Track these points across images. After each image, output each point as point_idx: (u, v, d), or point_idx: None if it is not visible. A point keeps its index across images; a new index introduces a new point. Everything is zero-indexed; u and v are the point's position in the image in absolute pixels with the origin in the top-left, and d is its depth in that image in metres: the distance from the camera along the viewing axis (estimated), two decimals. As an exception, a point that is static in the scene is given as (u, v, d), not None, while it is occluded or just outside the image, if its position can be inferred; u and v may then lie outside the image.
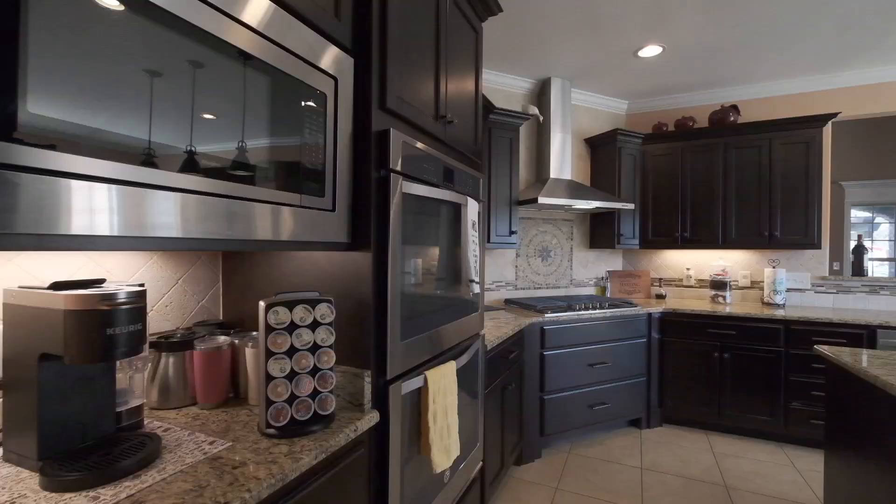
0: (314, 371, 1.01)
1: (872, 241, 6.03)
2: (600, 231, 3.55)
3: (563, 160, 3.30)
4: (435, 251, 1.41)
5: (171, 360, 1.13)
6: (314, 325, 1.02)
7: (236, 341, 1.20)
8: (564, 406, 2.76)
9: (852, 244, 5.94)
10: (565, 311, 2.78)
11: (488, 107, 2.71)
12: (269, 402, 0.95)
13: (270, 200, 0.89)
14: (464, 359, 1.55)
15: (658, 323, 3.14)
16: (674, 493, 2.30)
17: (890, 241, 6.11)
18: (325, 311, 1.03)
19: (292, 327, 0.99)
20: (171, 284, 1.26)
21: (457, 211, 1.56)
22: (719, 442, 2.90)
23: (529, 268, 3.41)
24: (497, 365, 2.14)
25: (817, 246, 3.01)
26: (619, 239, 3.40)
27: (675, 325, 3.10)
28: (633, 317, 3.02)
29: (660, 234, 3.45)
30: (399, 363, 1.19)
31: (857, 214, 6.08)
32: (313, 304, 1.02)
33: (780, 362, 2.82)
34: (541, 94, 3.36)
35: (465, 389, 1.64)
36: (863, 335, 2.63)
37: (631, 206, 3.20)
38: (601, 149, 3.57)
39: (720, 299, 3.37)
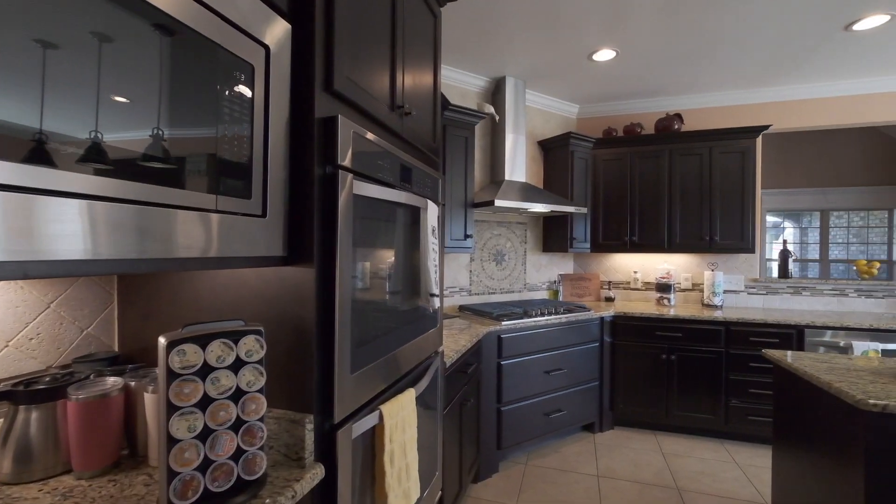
0: (238, 424, 0.78)
1: (755, 239, 6.70)
2: (553, 234, 3.52)
3: (517, 162, 3.22)
4: (390, 262, 1.22)
5: (33, 414, 0.83)
6: (237, 365, 0.78)
7: (132, 383, 0.93)
8: (521, 416, 2.66)
9: (771, 247, 6.54)
10: (521, 318, 2.69)
11: (443, 103, 2.54)
12: (173, 474, 0.71)
13: (175, 204, 0.65)
14: (423, 382, 1.37)
15: (610, 326, 3.16)
16: (631, 500, 2.28)
17: (795, 243, 6.82)
18: (252, 346, 0.80)
19: (206, 370, 0.75)
20: (40, 309, 0.96)
21: (415, 216, 1.37)
22: (667, 442, 2.97)
23: (484, 272, 3.30)
24: (455, 380, 1.98)
25: (751, 250, 3.19)
26: (572, 242, 3.39)
27: (626, 329, 3.14)
28: (587, 321, 3.01)
29: (610, 238, 3.49)
30: (349, 401, 0.98)
31: (768, 219, 6.71)
32: (236, 337, 0.78)
33: (722, 362, 2.93)
34: (495, 92, 3.26)
35: (425, 416, 1.46)
36: (792, 335, 2.80)
37: (584, 209, 3.19)
38: (554, 152, 3.54)
39: (665, 301, 3.47)
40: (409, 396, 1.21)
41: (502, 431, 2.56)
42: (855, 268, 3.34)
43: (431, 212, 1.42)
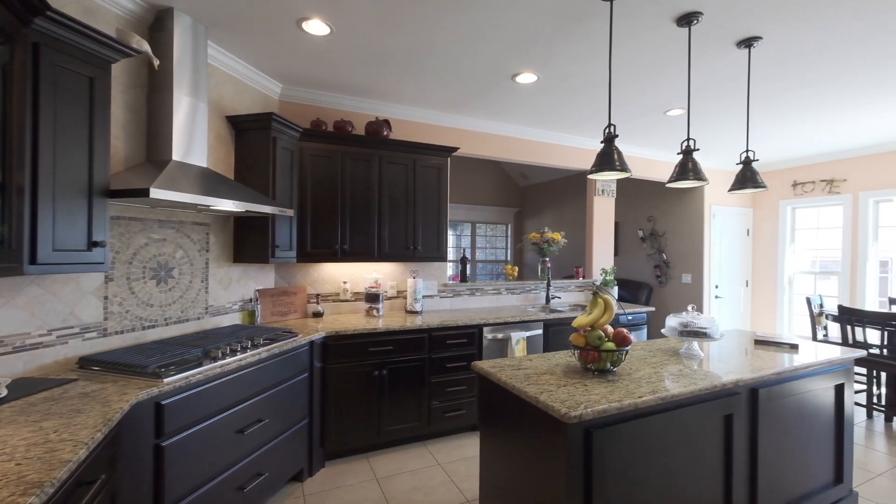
0: None
1: (447, 248, 8.29)
2: (250, 241, 2.75)
3: (195, 138, 2.27)
4: None
5: None
6: None
7: None
8: (200, 511, 1.82)
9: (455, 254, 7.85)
10: (199, 366, 1.84)
11: (37, 3, 1.37)
12: None
13: None
14: None
15: (320, 349, 2.71)
16: (351, 566, 1.90)
17: (455, 248, 8.58)
18: None
19: None
20: None
21: None
22: (380, 463, 2.81)
23: (134, 297, 2.15)
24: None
25: (444, 259, 3.50)
26: (275, 251, 2.74)
27: (338, 350, 2.78)
28: (294, 350, 2.45)
29: (319, 247, 3.05)
30: None
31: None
32: None
33: (426, 367, 3.04)
34: (157, 28, 2.18)
35: None
36: (475, 333, 3.22)
37: (290, 211, 2.60)
38: (251, 134, 2.77)
39: (374, 311, 3.35)
40: None
41: (165, 551, 1.65)
42: (504, 270, 4.27)
43: None
